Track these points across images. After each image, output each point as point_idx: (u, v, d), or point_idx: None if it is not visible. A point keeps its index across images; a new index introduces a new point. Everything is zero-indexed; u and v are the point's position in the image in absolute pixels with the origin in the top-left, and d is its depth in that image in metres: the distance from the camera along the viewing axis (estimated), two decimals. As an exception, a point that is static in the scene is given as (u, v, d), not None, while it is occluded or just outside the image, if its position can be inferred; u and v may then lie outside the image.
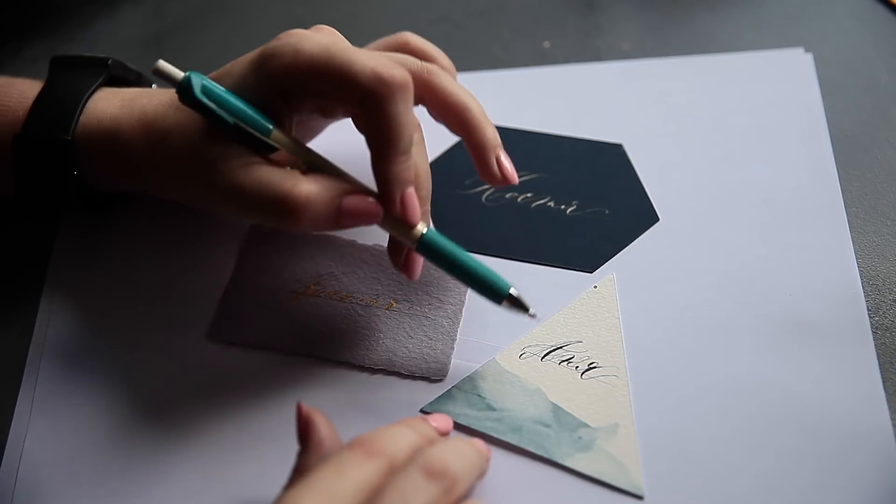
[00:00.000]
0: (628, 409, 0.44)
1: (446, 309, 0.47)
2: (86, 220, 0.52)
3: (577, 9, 0.59)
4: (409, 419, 0.41)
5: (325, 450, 0.38)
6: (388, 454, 0.37)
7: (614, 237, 0.49)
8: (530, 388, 0.45)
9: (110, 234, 0.52)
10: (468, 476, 0.39)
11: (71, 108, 0.46)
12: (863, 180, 0.50)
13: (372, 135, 0.42)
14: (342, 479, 0.35)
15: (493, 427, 0.44)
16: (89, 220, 0.52)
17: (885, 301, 0.46)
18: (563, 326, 0.46)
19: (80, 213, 0.49)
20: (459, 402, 0.44)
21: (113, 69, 0.48)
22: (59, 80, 0.47)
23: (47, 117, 0.46)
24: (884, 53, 0.55)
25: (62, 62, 0.48)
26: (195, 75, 0.41)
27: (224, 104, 0.41)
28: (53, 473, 0.44)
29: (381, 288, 0.48)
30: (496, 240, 0.50)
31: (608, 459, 0.42)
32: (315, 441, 0.38)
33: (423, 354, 0.46)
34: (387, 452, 0.37)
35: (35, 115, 0.46)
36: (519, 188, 0.51)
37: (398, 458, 0.37)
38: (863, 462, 0.41)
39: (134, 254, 0.51)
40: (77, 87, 0.47)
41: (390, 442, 0.38)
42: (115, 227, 0.52)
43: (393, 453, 0.37)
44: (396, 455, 0.37)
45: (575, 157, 0.52)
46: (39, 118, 0.46)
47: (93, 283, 0.50)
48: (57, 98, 0.46)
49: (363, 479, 0.36)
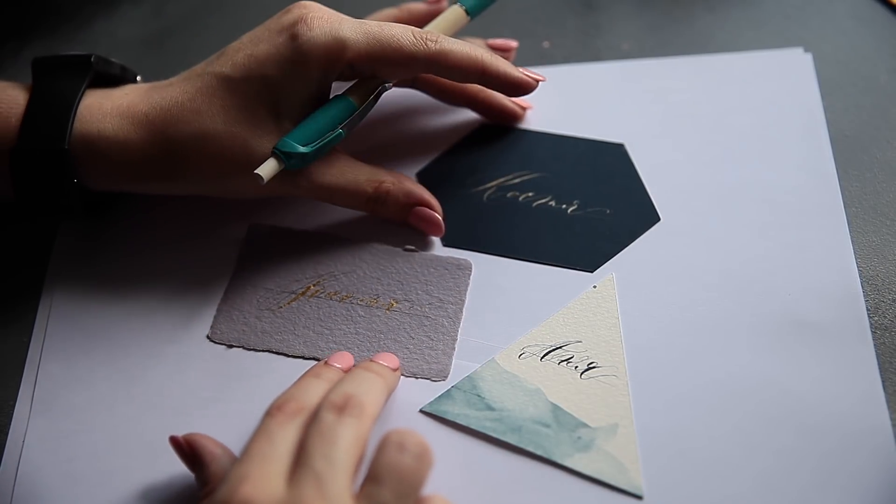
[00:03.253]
0: (628, 409, 0.44)
1: (447, 309, 0.47)
2: (86, 221, 0.52)
3: (577, 9, 0.59)
4: (314, 368, 0.44)
5: (219, 458, 0.41)
6: (305, 409, 0.40)
7: (615, 237, 0.49)
8: (530, 388, 0.45)
9: (110, 235, 0.52)
10: (373, 397, 0.41)
11: (63, 115, 0.46)
12: (862, 180, 0.50)
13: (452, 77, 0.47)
14: (273, 444, 0.38)
15: (492, 427, 0.44)
16: (89, 220, 0.52)
17: (884, 301, 0.46)
18: (563, 326, 0.46)
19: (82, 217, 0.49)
20: (459, 402, 0.44)
21: (96, 66, 0.48)
22: (47, 85, 0.47)
23: (40, 128, 0.46)
24: (883, 53, 0.55)
25: (45, 64, 0.48)
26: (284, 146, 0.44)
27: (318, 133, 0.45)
28: (53, 473, 0.44)
29: (381, 288, 0.48)
30: (497, 239, 0.50)
31: (607, 459, 0.42)
32: (208, 457, 0.41)
33: (423, 355, 0.46)
34: (304, 408, 0.40)
35: (28, 127, 0.46)
36: (520, 187, 0.51)
37: (315, 408, 0.40)
38: (862, 462, 0.41)
39: (134, 254, 0.51)
40: (65, 91, 0.46)
41: (304, 397, 0.41)
42: (114, 228, 0.52)
43: (309, 407, 0.40)
44: (312, 407, 0.40)
45: (576, 156, 0.52)
46: (32, 129, 0.46)
47: (93, 283, 0.50)
48: (47, 106, 0.46)
49: (292, 438, 0.39)
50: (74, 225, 0.52)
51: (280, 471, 0.38)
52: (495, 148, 0.53)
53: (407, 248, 0.49)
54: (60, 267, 0.51)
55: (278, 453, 0.38)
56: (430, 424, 0.44)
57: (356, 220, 0.51)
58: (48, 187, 0.46)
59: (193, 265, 0.50)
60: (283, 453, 0.38)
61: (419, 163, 0.53)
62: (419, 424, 0.44)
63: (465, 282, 0.48)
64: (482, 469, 0.43)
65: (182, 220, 0.52)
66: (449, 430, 0.44)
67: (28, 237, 0.52)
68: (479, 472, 0.43)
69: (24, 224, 0.52)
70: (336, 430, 0.38)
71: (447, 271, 0.48)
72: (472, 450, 0.43)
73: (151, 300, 0.49)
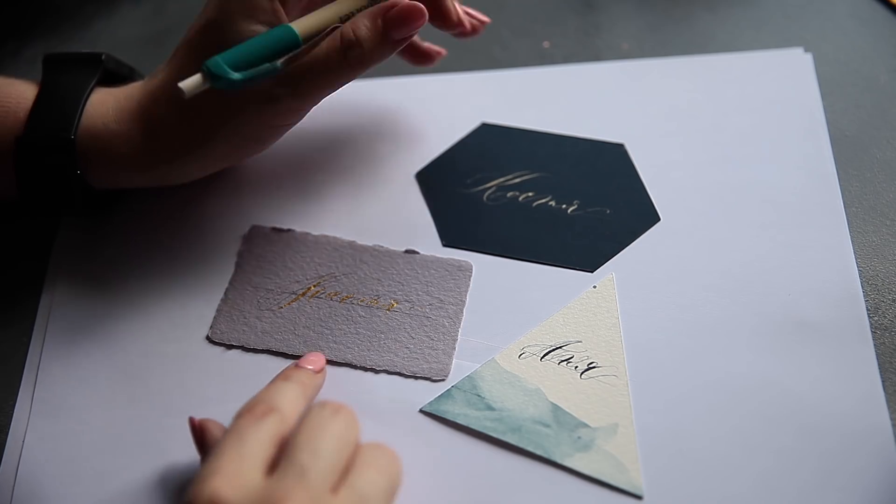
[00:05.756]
0: (628, 409, 0.44)
1: (447, 309, 0.47)
2: (86, 220, 0.52)
3: (577, 9, 0.59)
4: (285, 370, 0.44)
5: None
6: (276, 408, 0.40)
7: (615, 236, 0.49)
8: (530, 388, 0.45)
9: (111, 235, 0.52)
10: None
11: (71, 108, 0.46)
12: (862, 180, 0.50)
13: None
14: (244, 443, 0.38)
15: (492, 427, 0.44)
16: (89, 219, 0.52)
17: (884, 301, 0.46)
18: (563, 326, 0.46)
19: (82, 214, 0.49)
20: (459, 402, 0.45)
21: (107, 64, 0.49)
22: (56, 80, 0.47)
23: (48, 119, 0.46)
24: (883, 53, 0.55)
25: (55, 60, 0.48)
26: (211, 64, 0.42)
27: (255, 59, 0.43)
28: (53, 473, 0.44)
29: (381, 289, 0.48)
30: (497, 239, 0.50)
31: (607, 459, 0.42)
32: (211, 444, 0.42)
33: (424, 355, 0.46)
34: (273, 409, 0.40)
35: (35, 118, 0.46)
36: (520, 187, 0.51)
37: (286, 410, 0.40)
38: (862, 462, 0.41)
39: (134, 255, 0.51)
40: (74, 86, 0.47)
41: (275, 398, 0.41)
42: (115, 228, 0.52)
43: (280, 406, 0.40)
44: (283, 407, 0.40)
45: (576, 156, 0.52)
46: (40, 120, 0.46)
47: (93, 283, 0.50)
48: (56, 99, 0.46)
49: (262, 436, 0.39)
50: (75, 224, 0.52)
51: (253, 466, 0.38)
52: (495, 148, 0.53)
53: (408, 250, 0.49)
54: (60, 267, 0.51)
55: (249, 450, 0.38)
56: (430, 424, 0.44)
57: (358, 221, 0.51)
58: (52, 180, 0.46)
59: (194, 265, 0.50)
60: (254, 450, 0.38)
61: (419, 163, 0.53)
62: (419, 424, 0.44)
63: (465, 283, 0.48)
64: (482, 469, 0.43)
65: (182, 221, 0.52)
66: (449, 430, 0.44)
67: (28, 235, 0.52)
68: (479, 472, 0.43)
69: (24, 221, 0.52)
70: (326, 426, 0.39)
71: (448, 273, 0.48)
72: (472, 450, 0.43)
73: (152, 300, 0.49)
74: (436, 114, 0.55)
